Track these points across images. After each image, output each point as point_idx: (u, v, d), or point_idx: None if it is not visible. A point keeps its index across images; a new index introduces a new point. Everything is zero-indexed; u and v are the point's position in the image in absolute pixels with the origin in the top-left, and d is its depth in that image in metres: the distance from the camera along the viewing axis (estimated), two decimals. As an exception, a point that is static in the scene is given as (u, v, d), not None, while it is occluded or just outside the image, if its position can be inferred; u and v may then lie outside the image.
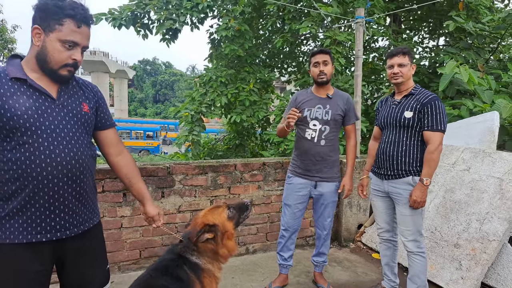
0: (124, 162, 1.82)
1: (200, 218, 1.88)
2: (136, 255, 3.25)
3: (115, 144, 1.80)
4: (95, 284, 1.73)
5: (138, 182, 1.85)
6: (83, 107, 1.62)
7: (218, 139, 9.97)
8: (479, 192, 3.22)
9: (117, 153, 1.80)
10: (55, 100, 1.53)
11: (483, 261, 2.93)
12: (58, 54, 1.47)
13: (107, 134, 1.78)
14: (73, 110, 1.58)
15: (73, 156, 1.53)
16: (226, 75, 6.71)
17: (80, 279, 1.67)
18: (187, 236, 1.82)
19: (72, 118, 1.56)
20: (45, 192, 1.47)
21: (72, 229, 1.58)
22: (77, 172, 1.55)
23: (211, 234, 1.80)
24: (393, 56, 2.57)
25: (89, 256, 1.69)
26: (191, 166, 3.39)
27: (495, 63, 6.33)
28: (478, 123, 3.81)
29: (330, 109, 2.80)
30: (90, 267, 1.70)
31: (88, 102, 1.66)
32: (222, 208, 1.93)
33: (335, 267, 3.52)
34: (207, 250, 1.80)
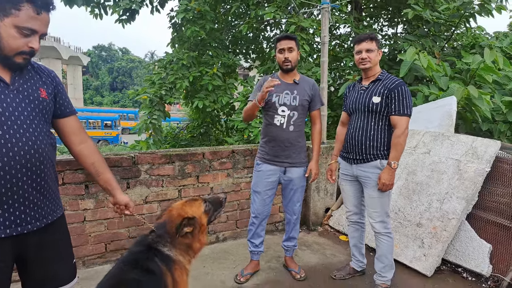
0: (89, 151, 1.72)
1: (176, 210, 1.81)
2: (101, 249, 3.13)
3: (77, 132, 1.70)
4: (60, 280, 1.63)
5: (105, 171, 1.76)
6: (40, 93, 1.50)
7: (181, 127, 9.76)
8: (439, 173, 3.38)
9: (80, 142, 1.70)
10: (8, 85, 1.40)
11: (444, 238, 3.09)
12: (13, 41, 1.36)
13: (68, 121, 1.67)
14: (30, 96, 1.46)
15: (32, 145, 1.42)
16: (188, 58, 6.50)
17: (43, 276, 1.58)
18: (162, 227, 1.75)
19: (29, 105, 1.45)
20: (2, 184, 1.35)
21: (34, 223, 1.48)
22: (36, 162, 1.44)
23: (190, 228, 1.75)
24: (361, 42, 2.60)
25: (52, 250, 1.59)
26: (157, 156, 3.28)
27: (450, 51, 6.62)
28: (437, 107, 3.98)
29: (298, 95, 2.80)
30: (54, 262, 1.60)
31: (46, 87, 1.54)
32: (199, 201, 1.89)
33: (304, 250, 3.58)
34: (182, 243, 1.75)
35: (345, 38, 7.56)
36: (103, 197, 3.06)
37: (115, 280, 1.54)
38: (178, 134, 8.92)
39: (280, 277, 3.05)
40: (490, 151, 3.14)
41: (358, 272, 3.07)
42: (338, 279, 3.01)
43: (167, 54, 7.07)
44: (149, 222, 3.24)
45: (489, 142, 3.19)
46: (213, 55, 6.88)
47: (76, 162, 2.90)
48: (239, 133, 6.21)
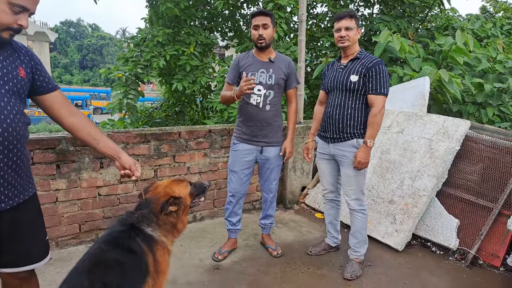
0: (82, 122, 1.71)
1: (163, 188, 1.79)
2: (75, 230, 3.06)
3: (66, 105, 1.68)
4: (31, 258, 1.63)
5: (103, 137, 1.74)
6: (19, 72, 1.48)
7: (155, 107, 9.55)
8: (412, 152, 3.48)
9: (71, 114, 1.69)
10: None
11: (414, 214, 3.21)
12: (4, 16, 1.36)
13: (54, 96, 1.65)
14: (9, 74, 1.44)
15: (9, 124, 1.41)
16: (164, 35, 6.27)
17: (15, 254, 1.57)
18: (147, 205, 1.72)
19: (7, 83, 1.44)
20: None
21: (7, 202, 1.47)
22: (14, 141, 1.43)
23: (175, 207, 1.73)
24: (341, 19, 2.58)
25: (24, 229, 1.58)
26: (131, 135, 3.20)
27: (424, 32, 6.72)
28: (411, 88, 4.06)
29: (274, 73, 2.76)
30: (26, 241, 1.60)
31: (24, 67, 1.52)
32: (186, 182, 1.88)
33: (281, 228, 3.64)
34: (166, 222, 1.74)
35: (322, 17, 7.51)
36: (76, 177, 2.98)
37: (94, 260, 1.51)
38: (152, 113, 8.72)
39: (257, 254, 3.10)
40: (460, 130, 3.24)
41: (333, 248, 3.16)
42: (314, 255, 3.09)
43: (140, 30, 6.81)
44: (125, 202, 3.22)
45: (459, 122, 3.30)
46: (189, 33, 6.67)
47: (46, 142, 2.83)
48: (218, 114, 6.13)
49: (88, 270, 1.46)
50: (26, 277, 1.67)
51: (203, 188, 1.98)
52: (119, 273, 1.50)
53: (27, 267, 1.62)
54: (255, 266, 2.91)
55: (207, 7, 7.79)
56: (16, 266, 1.59)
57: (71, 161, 2.94)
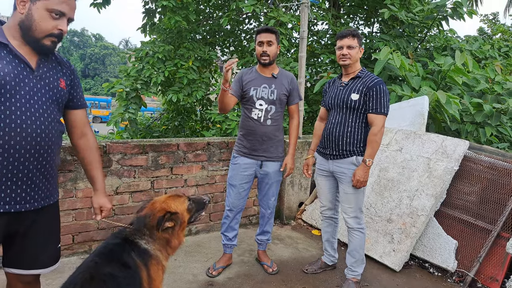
0: (85, 146, 1.78)
1: (160, 204, 1.77)
2: (68, 240, 3.01)
3: (81, 126, 1.76)
4: (41, 262, 1.64)
5: (93, 169, 1.81)
6: (60, 83, 1.57)
7: (154, 118, 9.57)
8: (410, 170, 3.47)
9: (81, 136, 1.77)
10: (33, 71, 1.47)
11: (413, 234, 3.17)
12: (45, 23, 1.44)
13: (77, 114, 1.74)
14: (50, 84, 1.53)
15: (44, 130, 1.48)
16: (164, 51, 6.38)
17: (27, 256, 1.60)
18: (143, 221, 1.70)
19: (48, 92, 1.52)
20: (10, 162, 1.42)
21: (32, 203, 1.52)
22: (45, 146, 1.51)
23: (172, 223, 1.71)
24: (343, 38, 2.60)
25: (41, 233, 1.62)
26: (130, 145, 3.19)
27: (423, 52, 6.79)
28: (410, 106, 4.07)
29: (276, 89, 2.78)
30: (41, 245, 1.63)
31: (65, 78, 1.62)
32: (184, 198, 1.86)
33: (277, 244, 3.60)
34: (161, 238, 1.71)
35: (322, 34, 7.61)
36: (72, 186, 2.95)
37: (88, 274, 1.47)
38: (151, 125, 8.74)
39: (252, 271, 3.04)
40: (459, 150, 3.24)
41: (329, 266, 3.11)
42: (310, 273, 3.04)
43: (142, 43, 6.89)
44: (120, 214, 3.18)
45: (458, 142, 3.30)
46: (189, 48, 6.76)
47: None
48: (216, 126, 6.15)
49: (81, 285, 1.43)
50: (31, 282, 1.67)
51: (203, 204, 1.95)
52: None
53: (33, 271, 1.63)
54: (250, 283, 2.85)
55: (210, 22, 7.89)
56: (23, 268, 1.60)
57: (68, 170, 2.92)
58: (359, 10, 8.38)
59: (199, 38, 7.99)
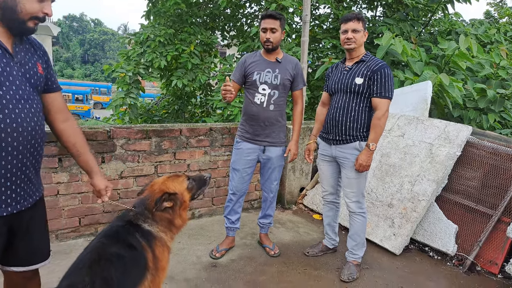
0: (72, 130, 1.68)
1: (158, 185, 1.78)
2: (75, 223, 3.06)
3: (62, 109, 1.65)
4: (41, 256, 1.64)
5: (86, 152, 1.73)
6: (38, 68, 1.46)
7: (154, 102, 9.54)
8: (412, 156, 3.48)
9: (64, 119, 1.66)
10: (13, 57, 1.35)
11: (413, 218, 3.21)
12: (30, 5, 1.34)
13: (55, 97, 1.62)
14: (30, 70, 1.43)
15: (36, 122, 1.41)
16: (165, 35, 6.32)
17: (28, 253, 1.58)
18: (143, 202, 1.72)
19: (29, 80, 1.42)
20: (9, 161, 1.35)
21: (29, 200, 1.48)
22: (38, 139, 1.45)
23: (171, 203, 1.73)
24: (348, 21, 2.57)
25: (37, 227, 1.60)
26: (133, 130, 3.20)
27: (427, 36, 6.72)
28: (413, 92, 4.06)
29: (280, 73, 2.77)
30: (39, 239, 1.61)
31: (41, 62, 1.50)
32: (182, 178, 1.86)
33: (279, 228, 3.64)
34: (163, 219, 1.73)
35: (324, 18, 7.51)
36: (77, 170, 2.98)
37: (96, 254, 1.50)
38: (151, 109, 8.72)
39: (254, 253, 3.09)
40: (461, 135, 3.24)
41: (330, 249, 3.15)
42: (311, 256, 3.09)
43: (142, 26, 6.82)
44: (125, 197, 3.22)
45: (461, 127, 3.30)
46: (190, 33, 6.69)
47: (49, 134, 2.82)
48: (217, 113, 6.14)
49: (89, 265, 1.46)
50: (32, 276, 1.67)
51: (204, 181, 1.96)
52: (119, 268, 1.50)
53: (37, 265, 1.62)
54: (252, 265, 2.90)
55: (210, 6, 7.78)
56: (26, 265, 1.58)
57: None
58: (362, -7, 8.26)
59: (200, 22, 7.90)
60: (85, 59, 57.06)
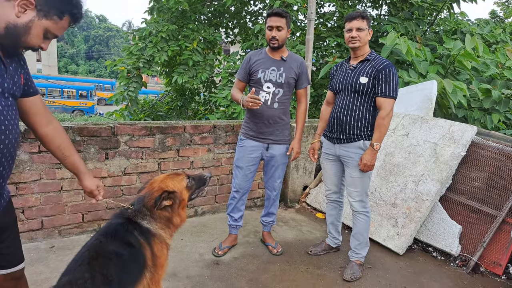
0: (55, 132, 1.61)
1: (157, 183, 1.78)
2: (78, 219, 3.07)
3: (43, 113, 1.57)
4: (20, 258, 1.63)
5: (72, 154, 1.66)
6: (21, 80, 1.43)
7: (158, 99, 9.55)
8: (416, 155, 3.46)
9: (46, 123, 1.58)
10: (6, 69, 1.33)
11: (417, 218, 3.19)
12: (36, 40, 1.34)
13: (34, 101, 1.53)
14: (17, 82, 1.40)
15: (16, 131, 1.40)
16: (168, 31, 6.32)
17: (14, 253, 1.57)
18: (142, 200, 1.72)
19: (16, 91, 1.40)
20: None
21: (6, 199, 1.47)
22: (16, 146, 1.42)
23: (170, 201, 1.73)
24: (352, 20, 2.55)
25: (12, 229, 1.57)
26: (137, 127, 3.20)
27: (432, 35, 6.68)
28: (418, 91, 4.03)
29: (284, 72, 2.76)
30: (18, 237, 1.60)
31: (23, 72, 1.46)
32: (182, 176, 1.86)
33: (281, 226, 3.64)
34: (161, 217, 1.73)
35: (329, 17, 7.48)
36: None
37: (94, 252, 1.50)
38: (155, 105, 8.74)
39: (257, 251, 3.09)
40: (466, 135, 3.22)
41: (333, 248, 3.15)
42: (314, 255, 3.08)
43: (145, 21, 6.81)
44: (128, 194, 3.22)
45: (466, 127, 3.28)
46: (193, 29, 6.68)
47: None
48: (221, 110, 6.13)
49: (88, 262, 1.46)
50: (21, 276, 1.66)
51: (203, 180, 1.96)
52: (118, 265, 1.50)
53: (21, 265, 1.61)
54: (255, 263, 2.90)
55: (214, 3, 7.77)
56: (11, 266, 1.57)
57: (77, 150, 2.93)
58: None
59: (204, 19, 7.89)
60: (89, 55, 57.13)
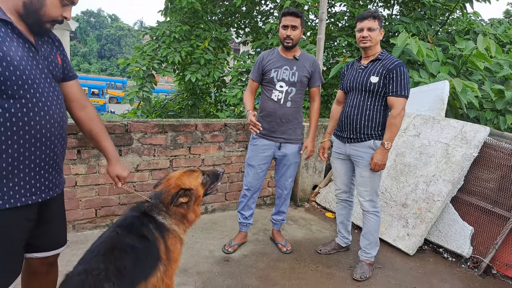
0: (87, 117, 1.70)
1: (174, 180, 1.82)
2: (91, 214, 3.13)
3: (80, 97, 1.68)
4: (61, 242, 1.71)
5: (103, 140, 1.75)
6: (58, 60, 1.52)
7: (169, 98, 9.64)
8: (428, 156, 3.44)
9: (81, 107, 1.68)
10: (38, 51, 1.42)
11: (428, 219, 3.18)
12: (54, 10, 1.40)
13: (71, 86, 1.65)
14: (52, 62, 1.49)
15: (63, 112, 1.49)
16: (180, 31, 6.39)
17: (53, 237, 1.65)
18: (159, 196, 1.75)
19: (52, 72, 1.49)
20: (43, 150, 1.42)
21: (59, 186, 1.57)
22: (65, 128, 1.52)
23: (186, 198, 1.76)
24: (364, 20, 2.55)
25: (62, 211, 1.69)
26: (150, 125, 3.25)
27: (444, 35, 6.61)
28: (429, 91, 4.01)
29: (297, 71, 2.78)
30: (62, 223, 1.70)
31: (59, 53, 1.56)
32: (197, 173, 1.89)
33: (291, 225, 3.65)
34: (177, 213, 1.77)
35: (340, 16, 7.46)
36: (95, 163, 3.04)
37: (110, 244, 1.54)
38: (166, 105, 8.82)
39: (267, 249, 3.11)
40: (478, 136, 3.20)
41: (343, 248, 3.15)
42: (323, 254, 3.09)
43: (159, 23, 6.90)
44: (140, 190, 3.27)
45: (478, 128, 3.25)
46: (205, 29, 6.74)
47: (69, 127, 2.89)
48: (230, 108, 6.17)
49: (103, 253, 1.50)
50: (54, 262, 1.72)
51: (217, 176, 1.99)
52: (132, 258, 1.54)
53: (56, 250, 1.67)
54: (265, 260, 2.92)
55: (226, 3, 7.81)
56: (47, 250, 1.63)
57: (91, 147, 3.00)
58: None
59: (215, 19, 7.94)
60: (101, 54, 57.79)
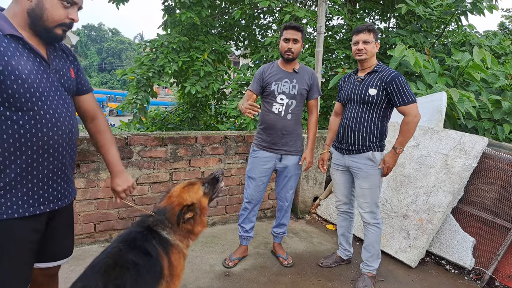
0: (95, 129, 1.74)
1: (175, 197, 1.80)
2: (90, 229, 3.10)
3: (92, 110, 1.72)
4: (68, 251, 1.72)
5: (107, 153, 1.75)
6: (70, 73, 1.55)
7: (169, 111, 9.67)
8: (427, 167, 3.45)
9: (91, 119, 1.73)
10: (49, 65, 1.44)
11: (429, 230, 3.17)
12: (57, 12, 1.38)
13: (87, 99, 1.70)
14: (64, 76, 1.52)
15: (72, 124, 1.51)
16: (179, 42, 6.45)
17: (58, 248, 1.65)
18: (163, 213, 1.74)
19: (64, 85, 1.51)
20: (50, 161, 1.44)
21: (69, 197, 1.59)
22: (74, 140, 1.54)
23: (191, 213, 1.75)
24: (359, 33, 2.60)
25: (71, 222, 1.70)
26: (150, 138, 3.25)
27: (440, 47, 6.69)
28: (427, 102, 4.03)
29: (297, 84, 2.81)
30: (70, 234, 1.71)
31: (73, 67, 1.59)
32: (197, 185, 1.88)
33: (292, 237, 3.63)
34: (183, 229, 1.75)
35: (337, 29, 7.55)
36: (94, 177, 3.03)
37: (111, 260, 1.52)
38: (166, 117, 8.85)
39: (268, 263, 3.09)
40: (477, 147, 3.21)
41: (344, 260, 3.13)
42: (325, 267, 3.07)
43: (159, 35, 6.97)
44: (140, 204, 3.25)
45: (477, 139, 3.26)
46: (204, 41, 6.81)
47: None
48: (230, 120, 6.19)
49: (104, 270, 1.47)
50: (55, 274, 1.72)
51: (216, 179, 1.98)
52: (133, 275, 1.51)
53: (58, 262, 1.67)
54: (266, 274, 2.90)
55: (225, 17, 7.91)
56: (50, 261, 1.63)
57: (90, 161, 2.99)
58: (375, 5, 8.29)
59: (214, 32, 8.02)
60: (102, 67, 58.19)
